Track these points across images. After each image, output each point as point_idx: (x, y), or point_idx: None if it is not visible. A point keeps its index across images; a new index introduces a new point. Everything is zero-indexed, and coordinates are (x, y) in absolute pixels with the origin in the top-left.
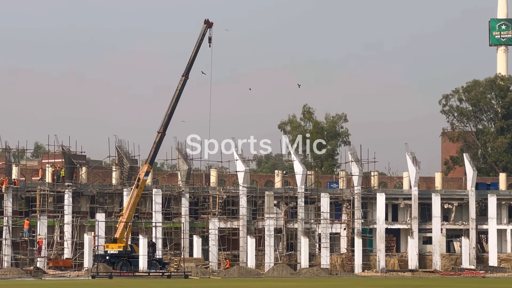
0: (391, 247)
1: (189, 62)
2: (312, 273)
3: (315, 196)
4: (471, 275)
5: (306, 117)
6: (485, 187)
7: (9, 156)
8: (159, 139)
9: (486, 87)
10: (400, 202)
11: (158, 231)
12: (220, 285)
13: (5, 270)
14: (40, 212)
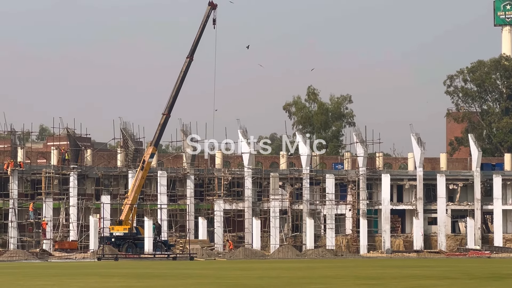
0: (396, 228)
1: (193, 44)
2: (318, 254)
3: (320, 177)
4: (476, 256)
5: (311, 99)
6: (490, 167)
7: (14, 138)
8: (164, 121)
9: (491, 68)
10: (405, 183)
11: (163, 213)
12: (225, 266)
13: (11, 252)
14: (46, 194)
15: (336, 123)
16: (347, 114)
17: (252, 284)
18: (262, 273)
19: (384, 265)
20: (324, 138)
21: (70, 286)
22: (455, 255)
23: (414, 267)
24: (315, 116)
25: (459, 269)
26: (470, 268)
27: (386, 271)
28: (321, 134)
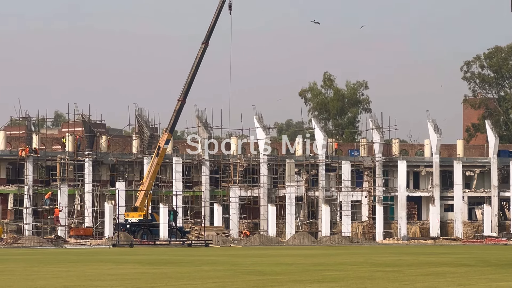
0: (412, 215)
1: (208, 30)
2: (333, 241)
3: (336, 163)
4: (493, 243)
5: (327, 85)
6: (507, 154)
7: (29, 124)
8: (179, 107)
9: (508, 54)
10: (422, 170)
11: (178, 200)
12: (241, 253)
13: (26, 238)
14: (61, 180)
15: (352, 110)
16: (363, 100)
17: (267, 271)
18: (278, 260)
19: (400, 252)
20: (340, 124)
21: (85, 273)
22: (472, 242)
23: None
24: (331, 102)
25: (476, 256)
26: (487, 255)
27: (402, 258)
28: (337, 120)
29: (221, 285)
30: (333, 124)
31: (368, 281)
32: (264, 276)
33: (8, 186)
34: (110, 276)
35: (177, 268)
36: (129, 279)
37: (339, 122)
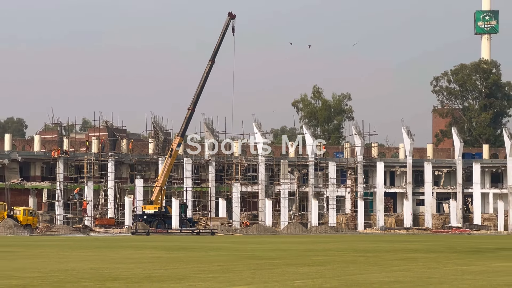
0: (388, 208)
1: (214, 49)
2: (321, 230)
3: (324, 164)
4: (458, 232)
5: (316, 96)
6: (470, 156)
7: (61, 129)
8: (189, 115)
9: (471, 70)
10: (397, 169)
11: (188, 194)
12: (242, 240)
13: (57, 227)
14: (87, 178)
15: (337, 118)
16: (347, 110)
17: (265, 256)
18: (274, 246)
19: (378, 240)
20: (327, 130)
21: (108, 257)
22: (440, 231)
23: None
24: (319, 111)
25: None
26: (453, 243)
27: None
28: (324, 127)
29: (225, 268)
30: (321, 130)
31: (351, 264)
32: (262, 260)
33: (43, 182)
34: (130, 259)
35: (187, 253)
36: (146, 262)
37: (326, 129)
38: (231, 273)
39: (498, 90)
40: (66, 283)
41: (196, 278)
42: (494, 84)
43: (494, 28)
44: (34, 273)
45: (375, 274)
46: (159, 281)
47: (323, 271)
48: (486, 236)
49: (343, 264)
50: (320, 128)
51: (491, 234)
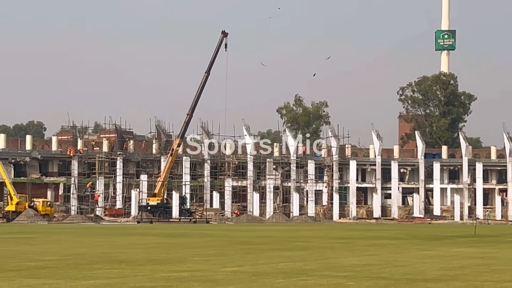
0: (360, 201)
1: (210, 63)
2: (301, 220)
3: (304, 162)
4: (420, 222)
5: (297, 104)
6: (431, 156)
7: (75, 131)
8: (188, 120)
9: (432, 82)
10: (367, 167)
11: (187, 188)
12: (233, 228)
13: (72, 216)
14: (99, 173)
15: (316, 122)
16: (324, 115)
17: (253, 241)
18: (260, 234)
19: (351, 229)
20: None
21: (117, 243)
22: (405, 221)
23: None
24: (300, 117)
25: (408, 232)
26: (416, 231)
27: (353, 233)
28: (305, 130)
29: (218, 252)
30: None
31: (328, 250)
32: (250, 245)
33: (59, 177)
34: (136, 245)
35: (186, 239)
36: (150, 247)
37: (306, 132)
38: (224, 256)
39: (455, 99)
40: (80, 265)
41: (193, 261)
42: (452, 94)
43: (452, 45)
44: (52, 256)
45: (348, 258)
46: (160, 264)
47: (303, 255)
48: (444, 225)
49: (321, 249)
50: (301, 132)
51: (448, 223)
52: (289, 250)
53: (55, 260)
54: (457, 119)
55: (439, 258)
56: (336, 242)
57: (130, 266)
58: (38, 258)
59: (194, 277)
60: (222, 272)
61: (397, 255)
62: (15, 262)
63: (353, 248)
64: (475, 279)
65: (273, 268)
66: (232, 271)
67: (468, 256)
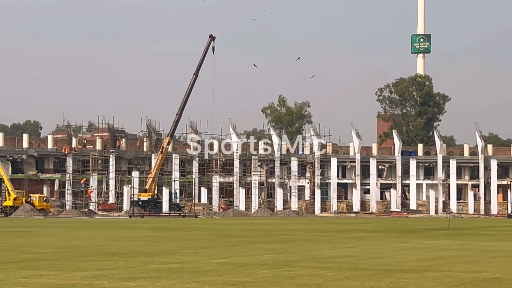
0: (341, 196)
1: (198, 65)
2: (285, 214)
3: (287, 159)
4: (397, 216)
5: (281, 104)
6: (407, 153)
7: (70, 130)
8: (177, 119)
9: (409, 83)
10: (347, 164)
11: (176, 184)
12: (220, 222)
13: (67, 211)
14: (92, 170)
15: (299, 122)
16: (307, 115)
17: (239, 235)
18: (246, 227)
19: (332, 222)
20: (290, 132)
21: (109, 236)
22: (383, 215)
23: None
24: (284, 116)
25: (385, 225)
26: (393, 225)
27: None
28: (288, 129)
29: (206, 245)
30: (285, 132)
31: (310, 242)
32: (237, 238)
33: (55, 174)
34: (128, 238)
35: (175, 232)
36: (141, 240)
37: (290, 131)
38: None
39: (430, 100)
40: (74, 257)
41: (182, 253)
42: (427, 94)
43: (427, 48)
44: (48, 249)
45: (329, 250)
46: (151, 256)
47: (286, 247)
48: (420, 219)
49: (303, 241)
50: (285, 131)
51: (424, 217)
52: (273, 242)
53: (51, 252)
54: (432, 118)
55: (415, 250)
56: (317, 235)
57: (122, 258)
58: (35, 250)
59: (184, 268)
60: (209, 264)
61: (375, 247)
62: (12, 254)
63: (334, 241)
64: (448, 269)
65: (258, 260)
66: (219, 263)
67: (442, 248)
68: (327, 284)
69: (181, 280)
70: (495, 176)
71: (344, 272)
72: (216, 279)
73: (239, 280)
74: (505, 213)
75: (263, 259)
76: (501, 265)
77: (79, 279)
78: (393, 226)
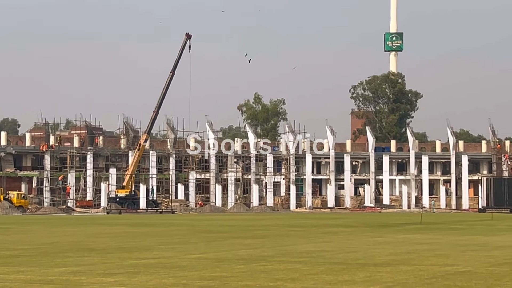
0: (315, 191)
1: (175, 63)
2: (261, 209)
3: (263, 156)
4: (371, 211)
5: (257, 102)
6: (381, 150)
7: (48, 128)
8: (154, 117)
9: (382, 80)
10: (322, 160)
11: (153, 181)
12: (197, 218)
13: (45, 208)
14: (70, 167)
15: (274, 119)
16: (282, 112)
17: (216, 230)
18: (222, 223)
19: (307, 217)
20: (265, 129)
21: (87, 232)
22: (357, 210)
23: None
24: (260, 114)
25: (359, 220)
26: (367, 220)
27: (308, 222)
28: (264, 126)
29: (183, 240)
30: (261, 129)
31: (285, 237)
32: (213, 234)
33: (33, 171)
34: (105, 234)
35: (152, 228)
36: (119, 236)
37: (265, 128)
38: (188, 244)
39: (403, 97)
40: (52, 253)
41: (159, 248)
42: (400, 92)
43: (400, 46)
44: (26, 245)
45: (304, 245)
46: (129, 251)
47: (262, 242)
48: (393, 214)
49: (278, 237)
50: (260, 128)
51: (397, 212)
52: (249, 238)
53: (29, 249)
54: (405, 115)
55: (388, 244)
56: (292, 230)
57: (99, 254)
58: (13, 247)
59: (161, 263)
60: (187, 259)
61: (350, 242)
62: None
63: (309, 236)
64: (420, 263)
65: (235, 255)
66: (196, 258)
67: (414, 242)
68: (302, 278)
69: (158, 275)
70: (466, 171)
71: (319, 266)
72: (193, 274)
73: (215, 275)
74: (476, 207)
75: (239, 254)
76: (472, 259)
77: (57, 275)
78: (367, 221)
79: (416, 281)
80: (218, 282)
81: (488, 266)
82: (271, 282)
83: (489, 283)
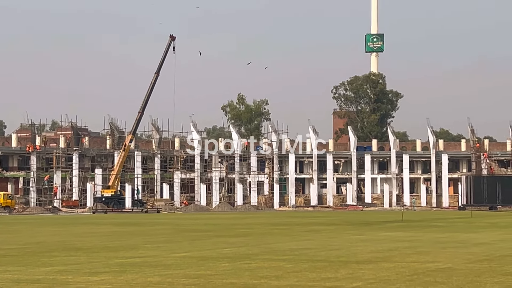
0: (298, 190)
1: (159, 64)
2: (245, 208)
3: (247, 155)
4: (353, 209)
5: (240, 102)
6: (362, 149)
7: (34, 129)
8: (139, 117)
9: (363, 81)
10: (305, 160)
11: (138, 181)
12: (182, 217)
13: (31, 208)
14: (56, 168)
15: (257, 119)
16: (265, 112)
17: (200, 229)
18: (207, 221)
19: (290, 216)
20: (249, 129)
21: (73, 231)
22: (339, 208)
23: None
24: (243, 114)
25: (341, 218)
26: (349, 218)
27: (292, 220)
28: (247, 126)
29: (168, 239)
30: (245, 129)
31: (268, 235)
32: (198, 233)
33: (19, 171)
34: (91, 233)
35: (137, 227)
36: (105, 235)
37: (249, 128)
38: (173, 243)
39: (384, 97)
40: (39, 253)
41: (144, 247)
42: (381, 92)
43: (381, 47)
44: (12, 245)
45: (287, 243)
46: (114, 251)
47: (246, 240)
48: (375, 212)
49: (262, 235)
50: (244, 128)
51: (378, 210)
52: (233, 236)
53: (16, 248)
54: (386, 115)
55: (370, 241)
56: (276, 228)
57: (86, 253)
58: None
59: (146, 262)
60: (172, 258)
61: (332, 240)
62: None
63: (292, 234)
64: (402, 260)
65: (219, 253)
66: (181, 257)
67: (396, 240)
68: (286, 276)
69: (144, 274)
70: (446, 170)
71: (302, 264)
72: (178, 273)
73: (200, 273)
74: (456, 205)
75: (223, 252)
76: (452, 255)
77: (44, 274)
78: (349, 219)
79: (398, 277)
80: (203, 280)
81: (468, 263)
82: (255, 279)
83: (469, 279)
